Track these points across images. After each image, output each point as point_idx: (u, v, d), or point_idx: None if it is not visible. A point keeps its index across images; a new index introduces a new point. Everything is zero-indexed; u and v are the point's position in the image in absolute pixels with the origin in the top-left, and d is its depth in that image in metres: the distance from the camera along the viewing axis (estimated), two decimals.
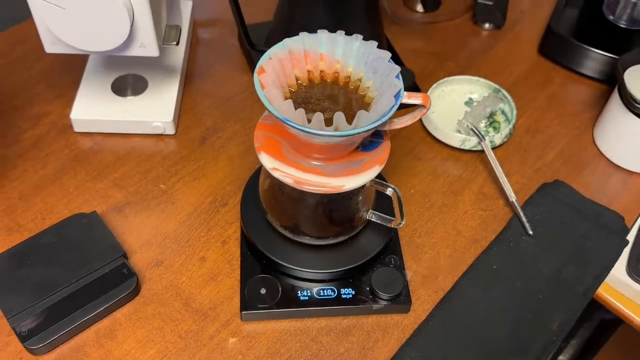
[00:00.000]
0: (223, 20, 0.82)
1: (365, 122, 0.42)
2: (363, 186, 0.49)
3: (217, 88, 0.73)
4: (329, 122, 0.44)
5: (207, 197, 0.62)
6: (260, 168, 0.58)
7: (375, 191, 0.54)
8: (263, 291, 0.53)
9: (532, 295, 0.56)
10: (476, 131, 0.66)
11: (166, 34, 0.63)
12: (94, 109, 0.66)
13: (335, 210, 0.53)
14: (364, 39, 0.47)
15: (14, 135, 0.66)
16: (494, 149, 0.68)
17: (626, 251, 0.60)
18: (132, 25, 0.55)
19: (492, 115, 0.71)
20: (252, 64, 0.75)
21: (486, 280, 0.57)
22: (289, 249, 0.55)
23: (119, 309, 0.54)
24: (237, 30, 0.78)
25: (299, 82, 0.48)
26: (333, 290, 0.54)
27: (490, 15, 0.83)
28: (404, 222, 0.53)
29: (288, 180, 0.47)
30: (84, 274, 0.53)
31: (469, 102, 0.73)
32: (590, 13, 0.81)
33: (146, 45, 0.58)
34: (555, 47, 0.78)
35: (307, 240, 0.55)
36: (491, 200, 0.64)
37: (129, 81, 0.69)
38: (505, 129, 0.68)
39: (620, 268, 0.59)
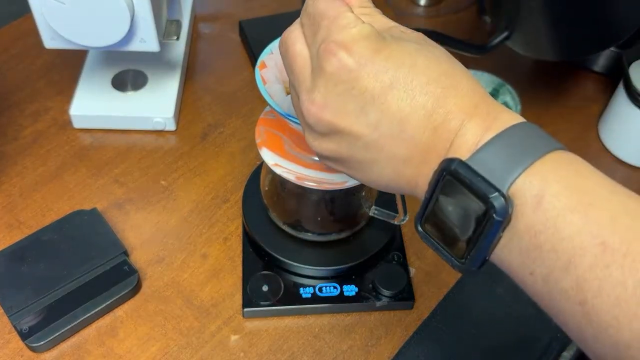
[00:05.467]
0: (224, 15, 0.81)
1: None
2: None
3: (218, 83, 0.73)
4: None
5: (208, 194, 0.62)
6: (261, 164, 0.58)
7: None
8: (265, 288, 0.53)
9: None
10: None
11: (167, 29, 0.62)
12: (93, 104, 0.66)
13: (338, 206, 0.53)
14: None
15: (13, 132, 0.66)
16: None
17: None
18: (132, 20, 0.54)
19: None
20: (253, 59, 0.74)
21: (490, 276, 0.57)
22: (291, 245, 0.55)
23: (120, 306, 0.53)
24: (239, 25, 0.77)
25: None
26: (336, 287, 0.54)
27: None
28: (407, 219, 0.52)
29: (290, 177, 0.46)
30: (85, 271, 0.53)
31: None
32: None
33: (146, 40, 0.57)
34: None
35: (309, 236, 0.54)
36: None
37: (129, 77, 0.69)
38: None
39: None
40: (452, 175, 0.29)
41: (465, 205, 0.29)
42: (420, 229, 0.33)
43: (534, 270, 0.29)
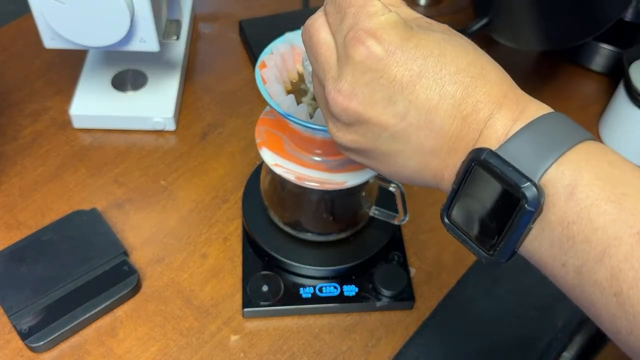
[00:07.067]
0: (224, 14, 0.81)
1: None
2: (366, 182, 0.49)
3: (218, 83, 0.73)
4: None
5: (208, 194, 0.62)
6: (261, 164, 0.58)
7: (379, 187, 0.54)
8: (265, 288, 0.53)
9: (536, 291, 0.56)
10: None
11: (166, 29, 0.62)
12: (93, 104, 0.66)
13: (338, 206, 0.53)
14: None
15: (13, 132, 0.66)
16: None
17: None
18: (132, 20, 0.54)
19: None
20: (253, 59, 0.74)
21: (490, 276, 0.57)
22: (291, 245, 0.54)
23: (119, 307, 0.53)
24: (239, 25, 0.77)
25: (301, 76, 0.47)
26: (336, 288, 0.54)
27: None
28: (407, 219, 0.52)
29: (290, 177, 0.46)
30: (85, 271, 0.53)
31: None
32: None
33: (146, 40, 0.57)
34: None
35: (309, 236, 0.54)
36: None
37: (128, 76, 0.69)
38: None
39: None
40: (481, 166, 0.29)
41: (494, 197, 0.29)
42: (446, 220, 0.32)
43: (566, 262, 0.28)
